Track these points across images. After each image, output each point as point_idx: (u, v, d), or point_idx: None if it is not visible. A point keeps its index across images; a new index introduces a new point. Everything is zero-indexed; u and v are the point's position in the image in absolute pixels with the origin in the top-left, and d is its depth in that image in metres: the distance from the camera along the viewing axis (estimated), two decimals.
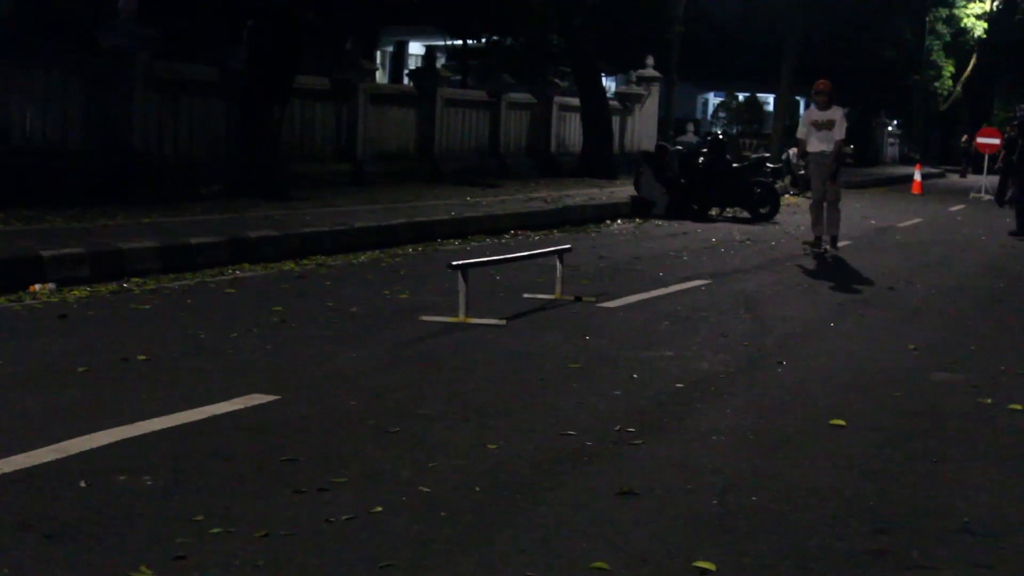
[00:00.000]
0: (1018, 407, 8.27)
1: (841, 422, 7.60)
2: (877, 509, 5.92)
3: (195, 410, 7.22)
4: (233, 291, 12.15)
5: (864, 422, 7.69)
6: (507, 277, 13.42)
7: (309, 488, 5.80)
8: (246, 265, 13.90)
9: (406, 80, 37.43)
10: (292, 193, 20.04)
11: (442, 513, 5.56)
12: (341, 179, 23.99)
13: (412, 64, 43.43)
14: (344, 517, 5.43)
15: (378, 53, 42.06)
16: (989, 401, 8.43)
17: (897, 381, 9.01)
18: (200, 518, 5.35)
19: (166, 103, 19.95)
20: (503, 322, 10.77)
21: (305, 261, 14.54)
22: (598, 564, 5.02)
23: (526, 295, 12.36)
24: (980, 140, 41.19)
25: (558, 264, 12.53)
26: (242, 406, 7.39)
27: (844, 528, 5.61)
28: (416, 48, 47.50)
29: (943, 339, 11.15)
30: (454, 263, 11.15)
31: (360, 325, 10.46)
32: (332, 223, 16.58)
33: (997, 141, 41.40)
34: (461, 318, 10.73)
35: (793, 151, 34.72)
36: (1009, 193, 33.54)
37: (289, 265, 14.18)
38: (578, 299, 12.24)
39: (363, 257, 15.30)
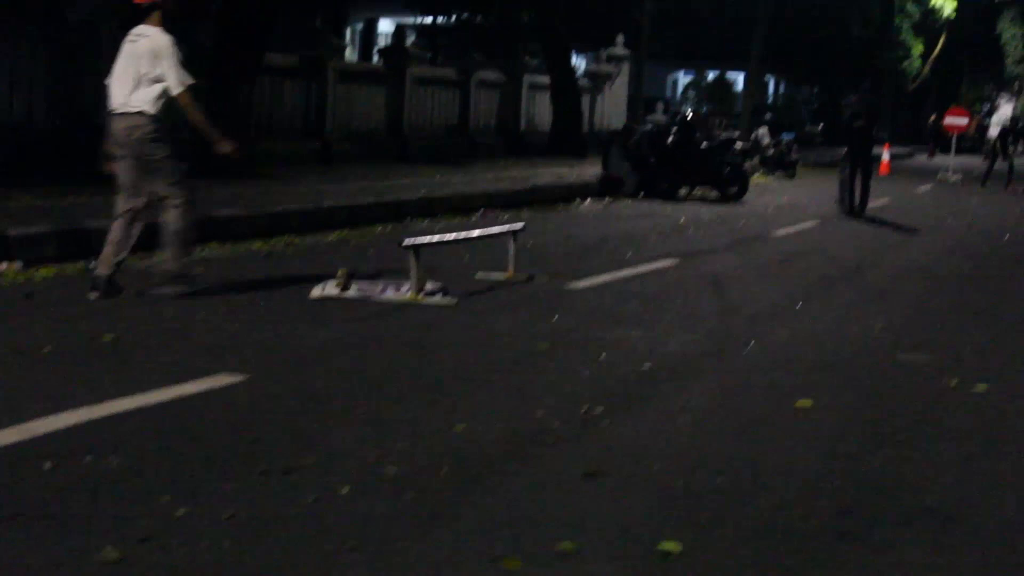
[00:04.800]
0: (983, 388, 8.31)
1: (807, 403, 7.63)
2: (842, 490, 5.95)
3: (162, 390, 7.19)
4: (201, 270, 12.08)
5: (830, 403, 7.72)
6: (467, 257, 13.36)
7: (275, 469, 5.80)
8: (214, 244, 13.82)
9: (376, 58, 37.35)
10: (260, 171, 19.97)
11: (408, 494, 5.56)
12: (310, 157, 23.92)
13: (382, 42, 43.30)
14: (311, 499, 5.43)
15: (348, 30, 41.97)
16: (955, 382, 8.47)
17: (863, 362, 9.06)
18: (166, 499, 5.33)
19: None
20: (454, 301, 10.76)
21: (273, 240, 14.49)
22: (564, 545, 5.03)
23: (479, 274, 12.35)
24: (948, 120, 41.31)
25: (511, 244, 12.50)
26: (209, 386, 7.37)
27: (809, 509, 5.63)
28: (386, 26, 47.39)
29: (909, 320, 11.20)
30: (406, 242, 11.13)
31: (324, 305, 10.42)
32: (301, 202, 16.55)
33: (965, 121, 41.58)
34: (413, 297, 10.72)
35: (762, 130, 34.85)
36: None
37: (257, 244, 14.14)
38: (531, 278, 12.24)
39: (332, 236, 15.26)
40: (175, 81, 10.21)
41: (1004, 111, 41.23)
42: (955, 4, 65.20)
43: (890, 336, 10.21)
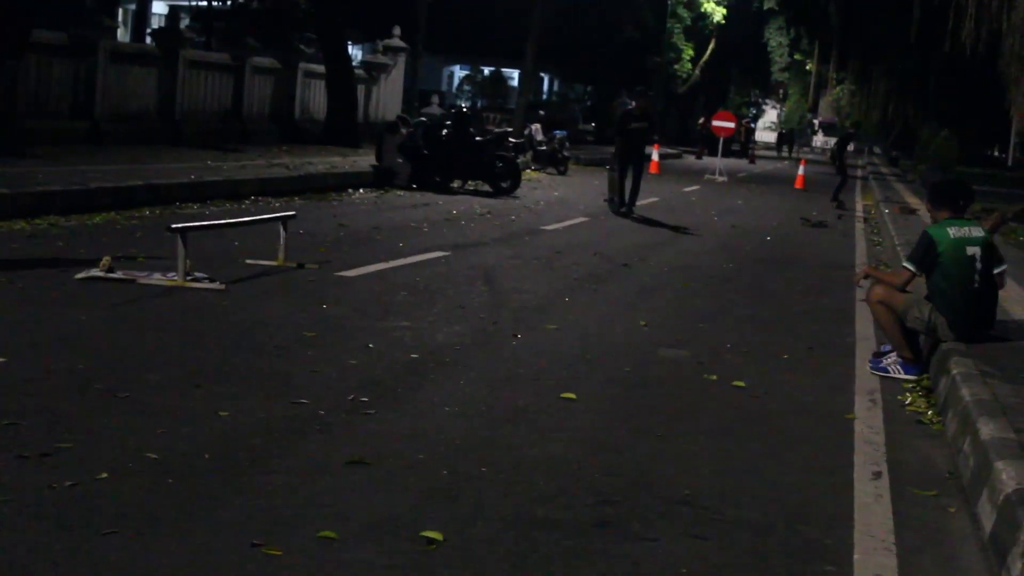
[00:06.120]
0: (740, 384, 8.55)
1: (571, 395, 7.75)
2: (602, 481, 6.05)
3: None
4: None
5: (593, 396, 7.86)
6: (239, 243, 13.24)
7: (32, 453, 5.67)
8: None
9: (148, 40, 36.66)
10: (26, 150, 19.44)
11: (169, 480, 5.50)
12: (79, 137, 23.35)
13: (155, 24, 42.51)
14: (68, 483, 5.32)
15: (120, 11, 41.12)
16: (714, 378, 8.69)
17: (627, 356, 9.22)
18: None
19: None
20: (222, 286, 10.66)
21: (37, 220, 14.12)
22: (326, 533, 5.02)
23: (248, 260, 12.26)
24: (715, 123, 42.30)
25: (282, 231, 12.43)
26: None
27: (570, 500, 5.72)
28: (160, 7, 46.59)
29: (673, 316, 11.44)
30: (173, 226, 10.98)
31: (88, 287, 10.21)
32: (67, 182, 16.15)
33: (732, 125, 42.69)
34: (179, 281, 10.59)
35: (536, 127, 35.19)
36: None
37: (20, 224, 13.76)
38: (301, 266, 12.20)
39: (98, 218, 14.93)
40: None
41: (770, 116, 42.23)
42: (724, 11, 66.80)
43: (654, 331, 10.42)
